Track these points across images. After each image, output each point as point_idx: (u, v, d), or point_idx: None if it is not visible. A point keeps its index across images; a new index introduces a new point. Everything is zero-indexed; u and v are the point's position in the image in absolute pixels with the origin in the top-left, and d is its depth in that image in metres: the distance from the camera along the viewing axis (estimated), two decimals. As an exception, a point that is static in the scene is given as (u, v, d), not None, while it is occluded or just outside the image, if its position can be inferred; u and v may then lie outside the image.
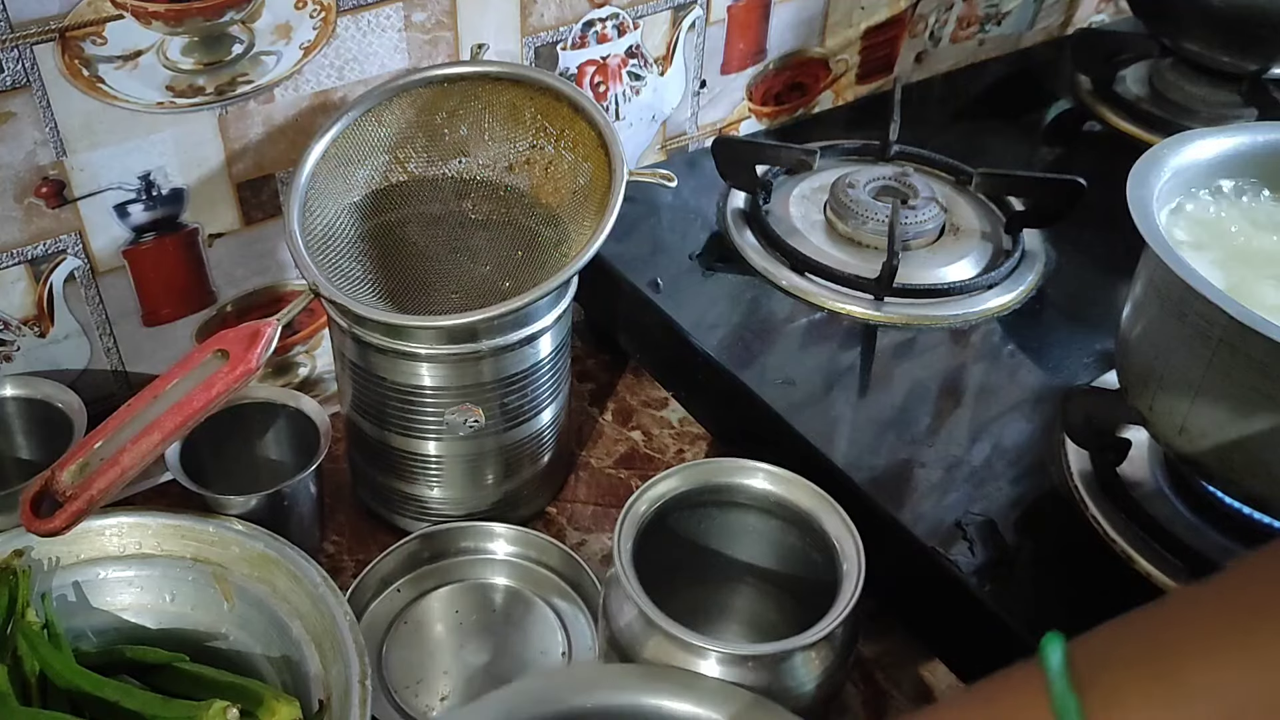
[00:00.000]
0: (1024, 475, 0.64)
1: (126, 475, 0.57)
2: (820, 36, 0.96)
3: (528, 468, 0.73)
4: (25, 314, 0.67)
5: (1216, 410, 0.54)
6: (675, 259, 0.80)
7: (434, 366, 0.65)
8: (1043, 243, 0.83)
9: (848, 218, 0.81)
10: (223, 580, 0.61)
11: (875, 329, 0.75)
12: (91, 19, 0.60)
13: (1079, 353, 0.73)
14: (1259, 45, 0.90)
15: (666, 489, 0.60)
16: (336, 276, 0.65)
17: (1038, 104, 1.03)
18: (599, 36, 0.81)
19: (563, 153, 0.70)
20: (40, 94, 0.60)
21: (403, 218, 0.71)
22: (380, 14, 0.69)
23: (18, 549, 0.59)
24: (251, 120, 0.68)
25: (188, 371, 0.60)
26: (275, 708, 0.56)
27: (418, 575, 0.71)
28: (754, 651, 0.54)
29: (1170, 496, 0.62)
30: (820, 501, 0.60)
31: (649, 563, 0.57)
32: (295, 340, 0.80)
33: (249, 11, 0.64)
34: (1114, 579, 0.59)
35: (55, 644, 0.58)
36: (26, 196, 0.63)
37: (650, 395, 0.86)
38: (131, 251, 0.69)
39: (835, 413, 0.68)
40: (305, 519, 0.69)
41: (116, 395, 0.72)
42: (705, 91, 0.92)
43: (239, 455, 0.71)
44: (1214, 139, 0.63)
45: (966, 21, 1.06)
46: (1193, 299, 0.52)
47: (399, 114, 0.69)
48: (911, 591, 0.64)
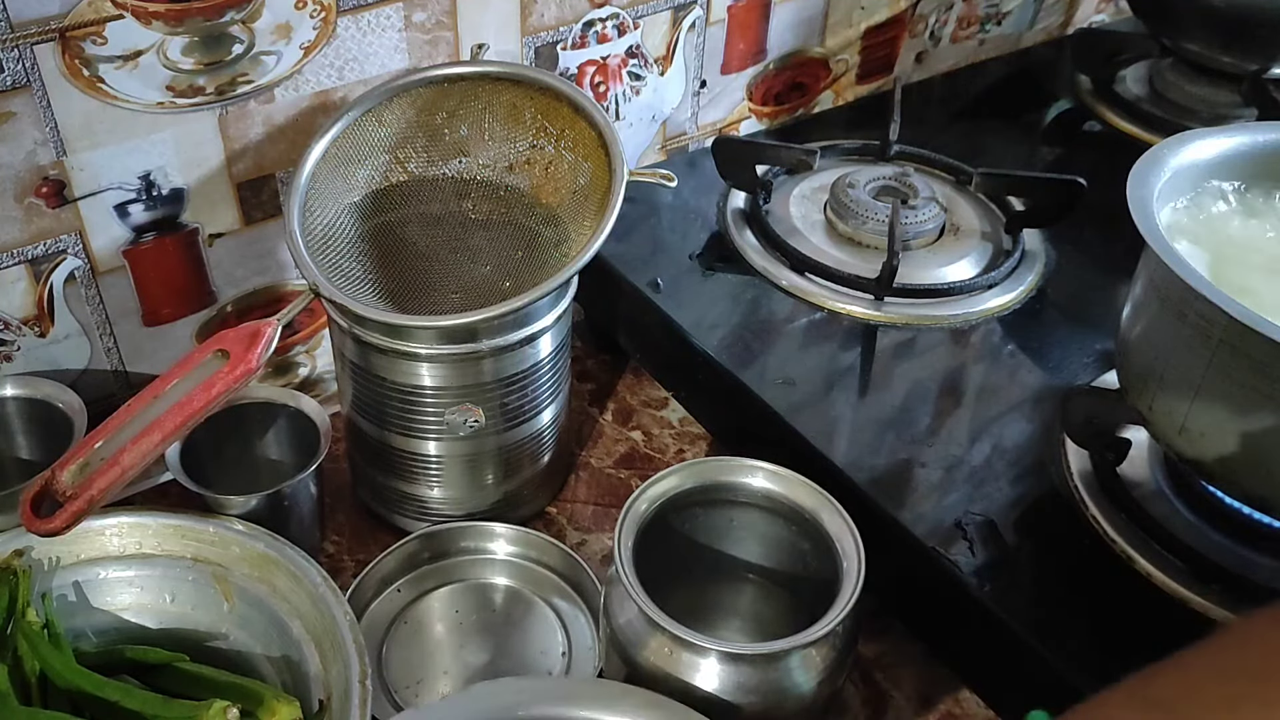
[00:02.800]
0: (1024, 475, 0.64)
1: (126, 475, 0.57)
2: (820, 36, 0.96)
3: (528, 468, 0.73)
4: (25, 314, 0.67)
5: (1216, 410, 0.54)
6: (675, 259, 0.80)
7: (434, 366, 0.65)
8: (1043, 243, 0.83)
9: (848, 218, 0.81)
10: (223, 580, 0.61)
11: (875, 329, 0.75)
12: (92, 19, 0.60)
13: (1079, 353, 0.73)
14: (1259, 45, 0.90)
15: (666, 488, 0.60)
16: (336, 276, 0.65)
17: (1038, 104, 1.03)
18: (599, 36, 0.81)
19: (563, 153, 0.70)
20: (40, 94, 0.60)
21: (403, 218, 0.71)
22: (380, 14, 0.69)
23: (18, 549, 0.60)
24: (251, 120, 0.68)
25: (188, 371, 0.60)
26: (275, 708, 0.56)
27: (418, 575, 0.71)
28: (754, 650, 0.54)
29: (1170, 496, 0.62)
30: (820, 500, 0.60)
31: (649, 562, 0.57)
32: (295, 340, 0.80)
33: (249, 11, 0.64)
34: (1114, 579, 0.59)
35: (55, 644, 0.58)
36: (27, 196, 0.63)
37: (650, 395, 0.86)
38: (132, 251, 0.69)
39: (835, 413, 0.68)
40: (305, 519, 0.69)
41: (116, 395, 0.72)
42: (705, 91, 0.92)
43: (239, 455, 0.71)
44: (1214, 139, 0.63)
45: (966, 21, 1.06)
46: (1193, 299, 0.52)
47: (399, 114, 0.69)
48: (911, 591, 0.64)
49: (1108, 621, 0.57)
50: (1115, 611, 0.58)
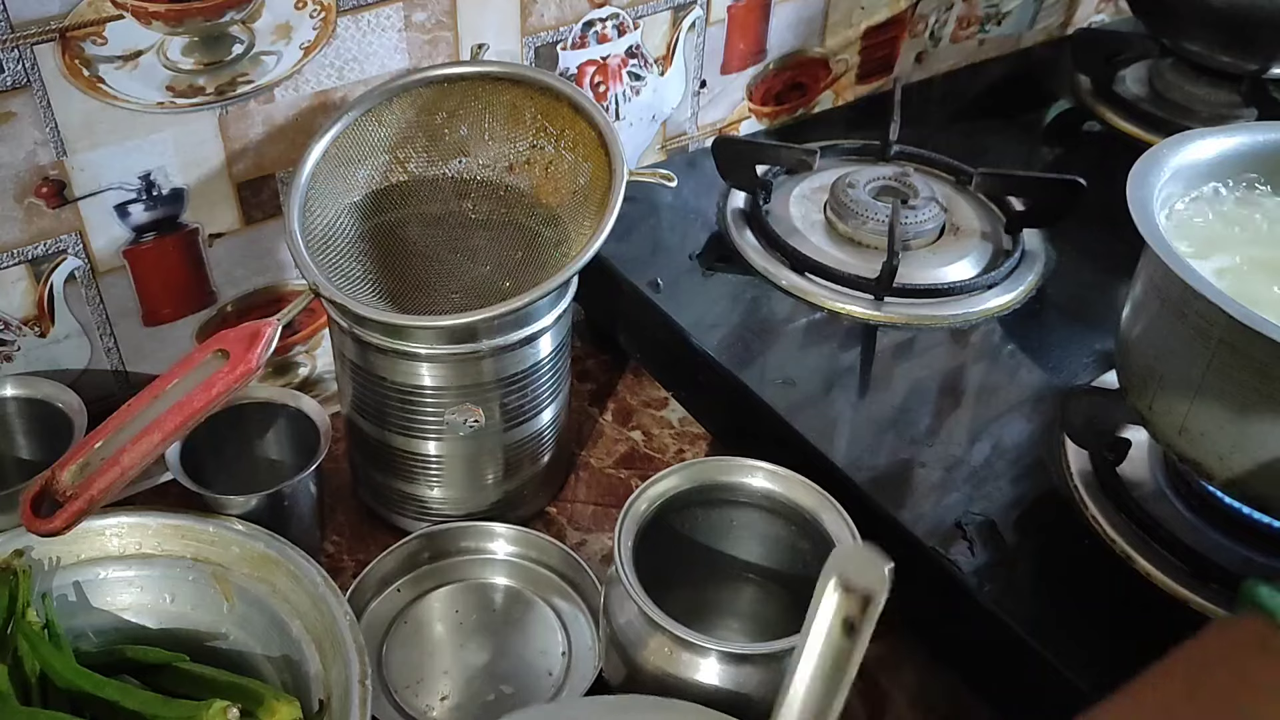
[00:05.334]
0: (1024, 475, 0.64)
1: (126, 475, 0.57)
2: (820, 36, 0.96)
3: (528, 468, 0.73)
4: (26, 314, 0.67)
5: (1216, 410, 0.54)
6: (675, 259, 0.80)
7: (434, 366, 0.65)
8: (1043, 243, 0.83)
9: (848, 218, 0.81)
10: (223, 580, 0.61)
11: (875, 329, 0.75)
12: (92, 19, 0.60)
13: (1079, 353, 0.73)
14: (1259, 45, 0.90)
15: (666, 488, 0.60)
16: (336, 276, 0.65)
17: (1038, 104, 1.03)
18: (599, 36, 0.81)
19: (563, 153, 0.70)
20: (40, 94, 0.60)
21: (403, 218, 0.71)
22: (380, 14, 0.69)
23: (18, 549, 0.59)
24: (251, 120, 0.68)
25: (188, 371, 0.60)
26: (275, 708, 0.56)
27: (418, 575, 0.71)
28: (754, 650, 0.54)
29: (1170, 496, 0.62)
30: (820, 500, 0.60)
31: (649, 562, 0.57)
32: (295, 340, 0.80)
33: (249, 11, 0.64)
34: (1114, 579, 0.59)
35: (56, 644, 0.58)
36: (27, 196, 0.63)
37: (650, 395, 0.86)
38: (132, 251, 0.69)
39: (835, 413, 0.68)
40: (305, 519, 0.69)
41: (117, 395, 0.72)
42: (705, 91, 0.92)
43: (239, 455, 0.71)
44: (1214, 139, 0.63)
45: (966, 21, 1.06)
46: (1193, 299, 0.52)
47: (399, 114, 0.69)
48: (911, 591, 0.63)
49: (1108, 621, 0.57)
50: (1115, 611, 0.58)
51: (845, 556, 0.38)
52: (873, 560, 0.38)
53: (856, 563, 0.38)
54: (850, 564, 0.38)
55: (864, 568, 0.38)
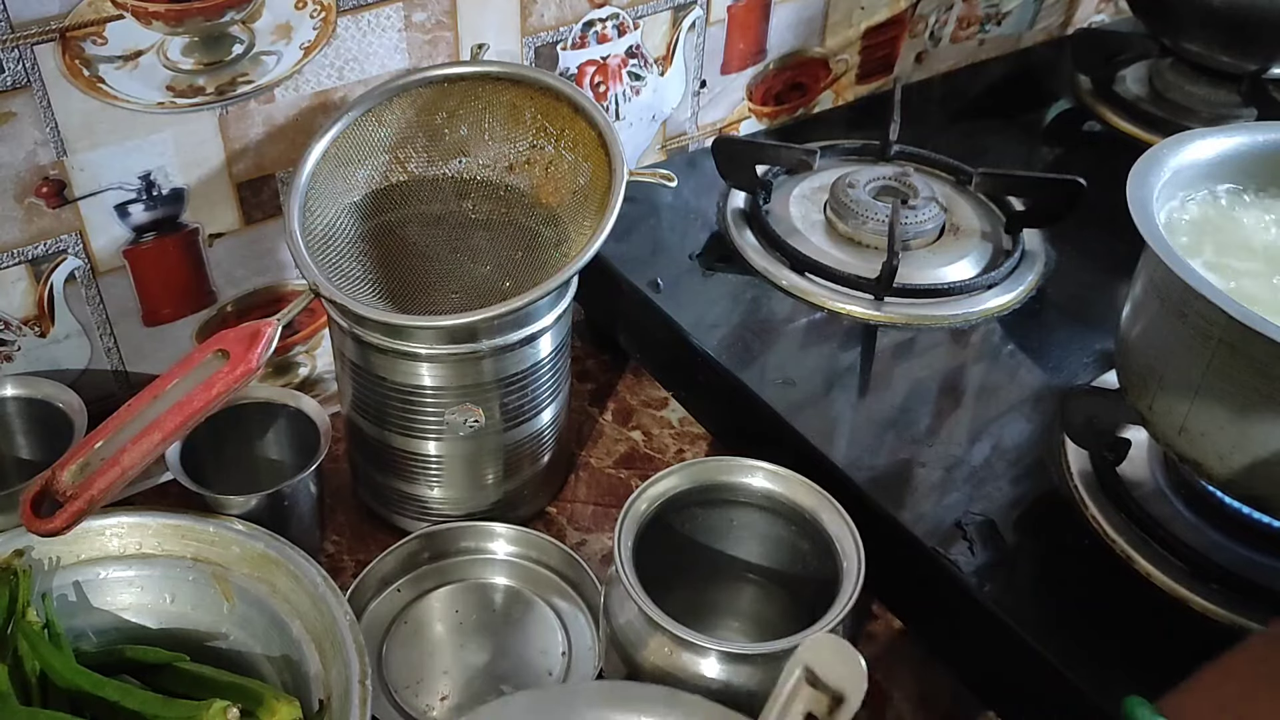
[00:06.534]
0: (1024, 475, 0.64)
1: (127, 475, 0.57)
2: (820, 36, 0.96)
3: (528, 468, 0.73)
4: (26, 314, 0.67)
5: (1216, 410, 0.54)
6: (675, 259, 0.80)
7: (434, 366, 0.65)
8: (1043, 243, 0.83)
9: (848, 218, 0.81)
10: (223, 580, 0.61)
11: (875, 329, 0.75)
12: (92, 19, 0.60)
13: (1079, 353, 0.73)
14: (1259, 45, 0.90)
15: (666, 488, 0.60)
16: (336, 276, 0.65)
17: (1038, 104, 1.03)
18: (599, 36, 0.81)
19: (563, 153, 0.70)
20: (41, 94, 0.60)
21: (403, 218, 0.71)
22: (380, 14, 0.69)
23: (18, 549, 0.59)
24: (252, 120, 0.68)
25: (188, 371, 0.60)
26: (275, 708, 0.56)
27: (418, 575, 0.71)
28: (754, 650, 0.54)
29: (1170, 496, 0.62)
30: (820, 500, 0.60)
31: (649, 562, 0.57)
32: (295, 340, 0.80)
33: (249, 11, 0.64)
34: (1114, 579, 0.59)
35: (56, 644, 0.58)
36: (27, 196, 0.63)
37: (650, 395, 0.86)
38: (132, 251, 0.69)
39: (835, 413, 0.68)
40: (305, 519, 0.69)
41: (117, 395, 0.72)
42: (705, 91, 0.92)
43: (239, 455, 0.71)
44: (1214, 139, 0.63)
45: (966, 21, 1.06)
46: (1193, 299, 0.52)
47: (399, 114, 0.69)
48: (911, 591, 0.64)
49: (1107, 621, 0.57)
50: (1115, 611, 0.58)
51: (817, 647, 0.35)
52: (847, 657, 0.34)
53: (829, 657, 0.34)
54: (822, 656, 0.34)
55: (837, 663, 0.34)
